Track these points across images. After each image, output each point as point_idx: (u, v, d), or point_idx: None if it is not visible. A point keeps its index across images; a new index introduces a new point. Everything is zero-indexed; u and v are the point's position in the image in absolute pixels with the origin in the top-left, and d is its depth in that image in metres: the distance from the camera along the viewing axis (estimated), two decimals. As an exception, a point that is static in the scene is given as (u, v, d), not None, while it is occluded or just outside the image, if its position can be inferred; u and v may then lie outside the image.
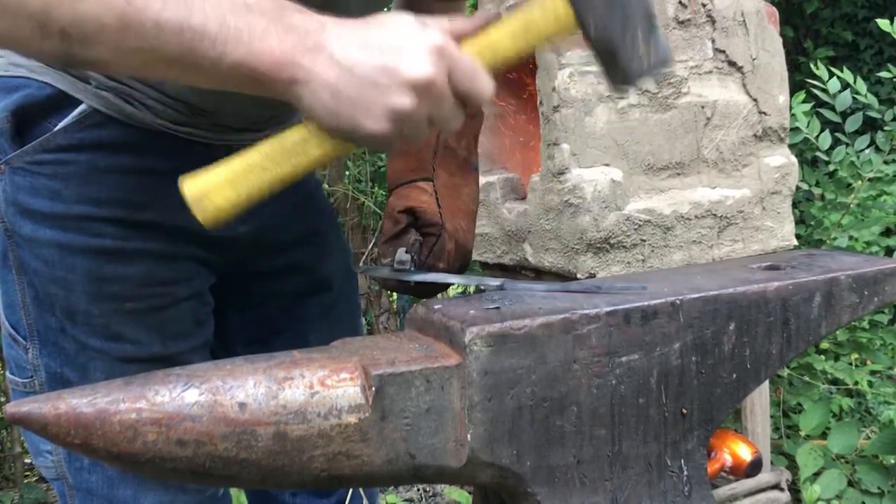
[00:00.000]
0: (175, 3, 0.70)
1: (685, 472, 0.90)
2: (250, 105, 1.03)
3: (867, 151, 2.79)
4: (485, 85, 0.76)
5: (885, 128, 2.78)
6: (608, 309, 0.83)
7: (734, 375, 0.91)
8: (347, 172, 3.84)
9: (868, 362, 2.77)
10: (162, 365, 0.85)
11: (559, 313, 0.82)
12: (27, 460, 3.18)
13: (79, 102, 0.97)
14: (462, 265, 1.21)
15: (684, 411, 0.88)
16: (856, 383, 2.67)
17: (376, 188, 3.95)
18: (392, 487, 2.64)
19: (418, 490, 2.61)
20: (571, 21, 0.78)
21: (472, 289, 3.96)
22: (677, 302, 0.87)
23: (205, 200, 0.80)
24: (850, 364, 2.71)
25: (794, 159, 1.99)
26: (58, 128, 0.97)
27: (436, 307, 0.87)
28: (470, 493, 2.34)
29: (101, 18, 0.69)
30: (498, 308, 0.85)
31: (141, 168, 0.99)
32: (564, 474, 0.83)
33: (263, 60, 0.72)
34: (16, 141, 0.98)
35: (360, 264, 3.79)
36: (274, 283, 1.21)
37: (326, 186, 3.68)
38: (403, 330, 0.93)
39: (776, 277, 0.96)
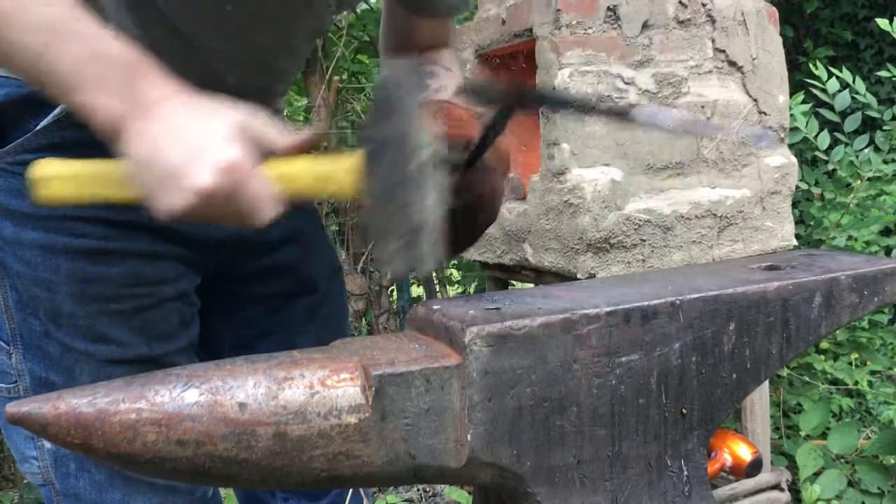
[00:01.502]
0: (37, 35, 0.76)
1: (685, 472, 0.90)
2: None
3: (866, 151, 2.79)
4: (262, 211, 0.81)
5: (885, 127, 2.78)
6: (608, 309, 0.83)
7: (734, 375, 0.91)
8: (347, 172, 3.84)
9: (868, 363, 2.77)
10: (148, 366, 0.85)
11: (559, 313, 0.82)
12: (27, 460, 3.19)
13: (58, 104, 0.96)
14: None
15: (684, 411, 0.88)
16: (856, 383, 2.67)
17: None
18: (392, 487, 2.64)
19: (418, 490, 2.61)
20: (356, 196, 0.85)
21: (472, 289, 3.97)
22: (677, 302, 0.87)
23: (50, 183, 0.83)
24: (850, 364, 2.71)
25: (793, 159, 1.99)
26: (38, 128, 0.96)
27: (435, 307, 0.87)
28: (470, 493, 2.34)
29: None
30: (498, 308, 0.85)
31: None
32: (564, 474, 0.83)
33: (98, 114, 0.79)
34: None
35: (360, 264, 3.79)
36: (259, 286, 1.21)
37: (326, 186, 3.67)
38: (403, 330, 0.93)
39: (776, 277, 0.96)
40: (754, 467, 1.68)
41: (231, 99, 1.03)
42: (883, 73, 2.87)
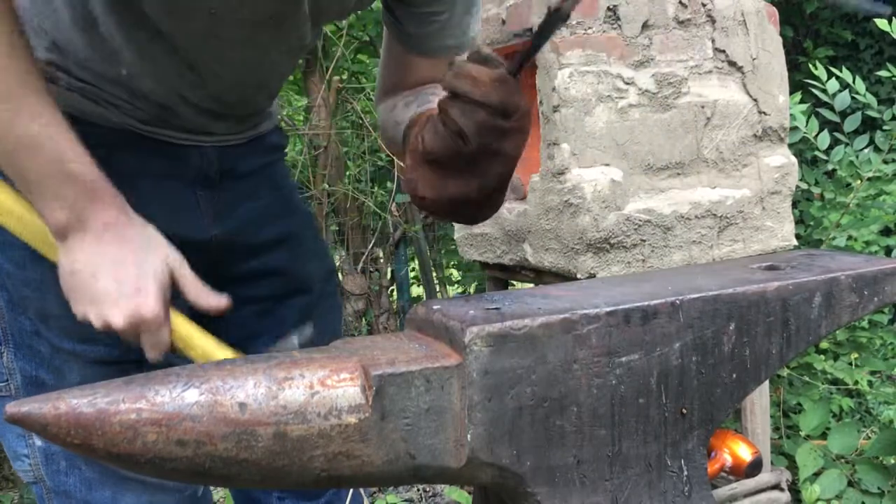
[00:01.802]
0: (17, 148, 0.85)
1: (685, 472, 0.90)
2: (213, 116, 1.10)
3: (866, 151, 2.79)
4: (153, 353, 0.93)
5: (885, 127, 2.78)
6: (608, 309, 0.83)
7: (734, 375, 0.91)
8: (348, 172, 3.85)
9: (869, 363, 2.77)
10: (136, 368, 0.86)
11: (559, 313, 0.82)
12: (27, 460, 3.18)
13: None
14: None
15: (684, 411, 0.88)
16: (856, 383, 2.67)
17: (376, 188, 3.95)
18: (392, 487, 2.64)
19: (418, 490, 2.62)
20: None
21: (472, 289, 3.97)
22: (677, 302, 0.87)
23: None
24: (850, 364, 2.71)
25: (793, 159, 2.00)
26: None
27: (435, 307, 0.87)
28: (470, 493, 2.34)
29: None
30: (498, 308, 0.85)
31: (111, 169, 0.99)
32: (564, 474, 0.83)
33: (49, 219, 0.90)
34: None
35: (360, 264, 3.79)
36: (249, 288, 1.21)
37: (326, 186, 3.68)
38: (403, 330, 0.93)
39: (776, 277, 0.96)
40: (754, 467, 1.68)
41: (215, 106, 1.07)
42: (883, 73, 2.87)
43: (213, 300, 0.97)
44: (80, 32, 0.99)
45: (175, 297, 0.97)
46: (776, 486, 2.16)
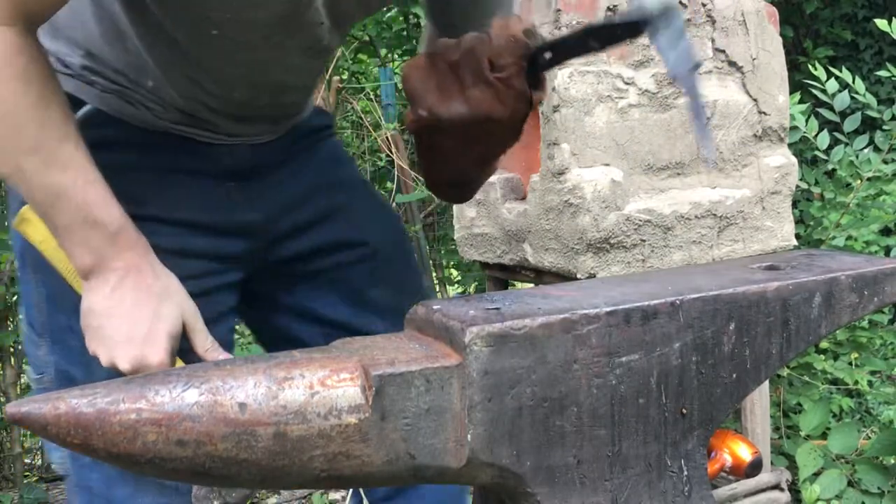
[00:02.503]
0: (47, 195, 0.89)
1: (685, 472, 0.90)
2: (240, 120, 1.12)
3: (866, 151, 2.79)
4: None
5: (884, 127, 2.78)
6: (608, 309, 0.83)
7: (734, 375, 0.91)
8: (347, 172, 3.84)
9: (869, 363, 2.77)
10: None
11: (559, 313, 0.82)
12: (27, 460, 3.18)
13: (84, 104, 1.03)
14: None
15: (684, 411, 0.88)
16: (856, 383, 2.67)
17: (376, 188, 3.95)
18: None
19: (418, 490, 2.61)
20: None
21: (472, 289, 3.96)
22: (677, 302, 0.87)
23: (27, 225, 1.00)
24: (850, 364, 2.71)
25: (793, 159, 2.00)
26: None
27: (435, 307, 0.87)
28: (470, 493, 2.34)
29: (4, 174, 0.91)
30: (498, 308, 0.85)
31: (144, 165, 1.03)
32: (564, 474, 0.83)
33: (74, 260, 0.94)
34: None
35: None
36: (309, 264, 1.24)
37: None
38: (403, 330, 0.93)
39: (776, 277, 0.96)
40: (754, 467, 1.68)
41: (241, 111, 1.10)
42: (882, 73, 2.87)
43: (217, 357, 0.99)
44: (110, 45, 1.03)
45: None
46: (776, 486, 2.16)
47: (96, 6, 1.01)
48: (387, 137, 3.62)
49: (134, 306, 0.93)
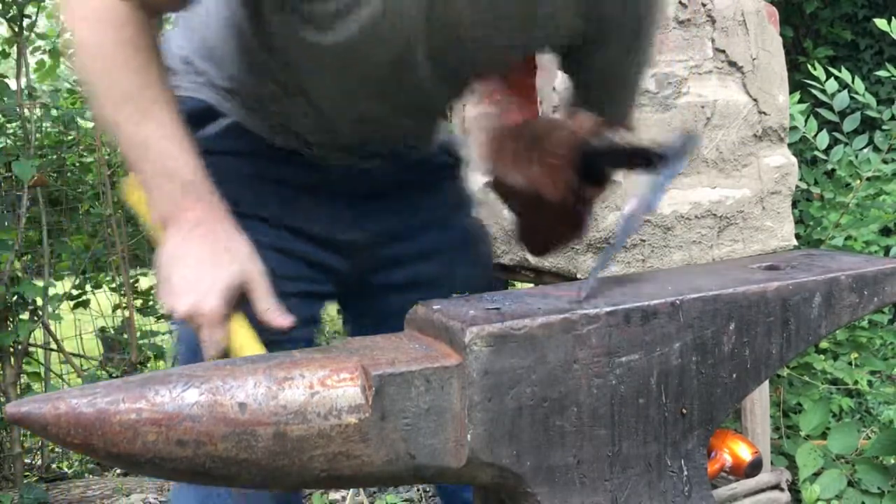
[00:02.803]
0: (132, 146, 0.98)
1: (685, 472, 0.90)
2: (352, 153, 1.22)
3: (866, 151, 2.79)
4: (205, 354, 0.98)
5: (884, 127, 2.78)
6: (608, 309, 0.83)
7: (734, 375, 0.91)
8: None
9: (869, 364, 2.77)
10: (275, 346, 0.97)
11: (559, 313, 0.82)
12: (27, 460, 3.18)
13: (225, 116, 1.17)
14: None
15: (684, 411, 0.88)
16: (855, 383, 2.67)
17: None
18: (392, 487, 2.64)
19: (418, 490, 2.61)
20: None
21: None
22: (677, 302, 0.87)
23: (132, 191, 1.10)
24: (850, 364, 2.71)
25: (793, 159, 2.00)
26: (212, 135, 1.16)
27: (436, 307, 0.87)
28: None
29: (101, 119, 1.00)
30: (498, 308, 0.85)
31: (268, 175, 1.15)
32: (564, 474, 0.83)
33: (153, 209, 1.02)
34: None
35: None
36: (401, 295, 1.22)
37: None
38: (403, 330, 0.93)
39: (776, 277, 0.96)
40: (754, 467, 1.68)
41: (353, 149, 1.21)
42: (882, 73, 2.87)
43: (276, 318, 1.01)
44: (248, 75, 1.16)
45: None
46: (776, 486, 2.16)
47: (238, 40, 1.13)
48: (387, 137, 3.61)
49: (198, 256, 0.98)
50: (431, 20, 1.00)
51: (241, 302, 1.00)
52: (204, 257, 0.98)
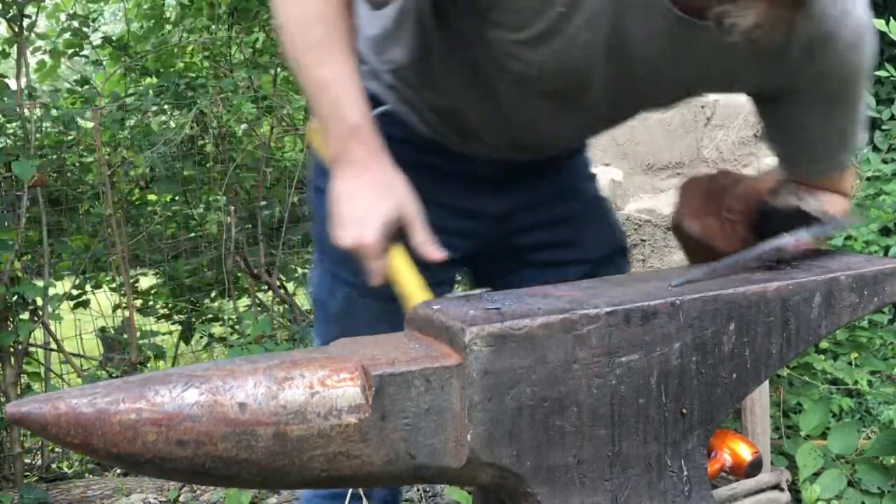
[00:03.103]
0: (311, 84, 1.10)
1: (685, 472, 0.90)
2: (501, 149, 1.31)
3: (865, 150, 2.79)
4: (370, 279, 1.08)
5: (884, 127, 2.78)
6: (608, 309, 0.83)
7: (734, 375, 0.91)
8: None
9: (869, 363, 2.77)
10: (392, 304, 1.10)
11: (559, 313, 0.82)
12: (27, 460, 3.18)
13: (385, 103, 1.28)
14: None
15: (684, 411, 0.88)
16: (855, 383, 2.67)
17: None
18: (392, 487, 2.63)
19: (418, 490, 2.61)
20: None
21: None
22: (677, 302, 0.87)
23: (315, 134, 1.22)
24: (850, 364, 2.71)
25: (793, 159, 1.99)
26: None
27: (436, 307, 0.87)
28: (470, 493, 2.34)
29: (292, 64, 1.13)
30: (498, 308, 0.85)
31: (418, 161, 1.21)
32: (564, 474, 0.83)
33: (327, 147, 1.13)
34: None
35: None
36: (535, 255, 1.40)
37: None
38: (403, 330, 0.93)
39: (776, 277, 0.96)
40: (754, 467, 1.67)
41: (511, 152, 1.33)
42: (882, 73, 2.86)
43: (431, 250, 1.10)
44: (414, 73, 1.25)
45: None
46: (776, 486, 2.16)
47: (415, 40, 1.23)
48: (387, 137, 3.61)
49: (361, 193, 1.08)
50: (610, 56, 1.08)
51: (399, 236, 1.09)
52: (366, 194, 1.08)
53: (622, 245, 1.52)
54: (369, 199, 1.09)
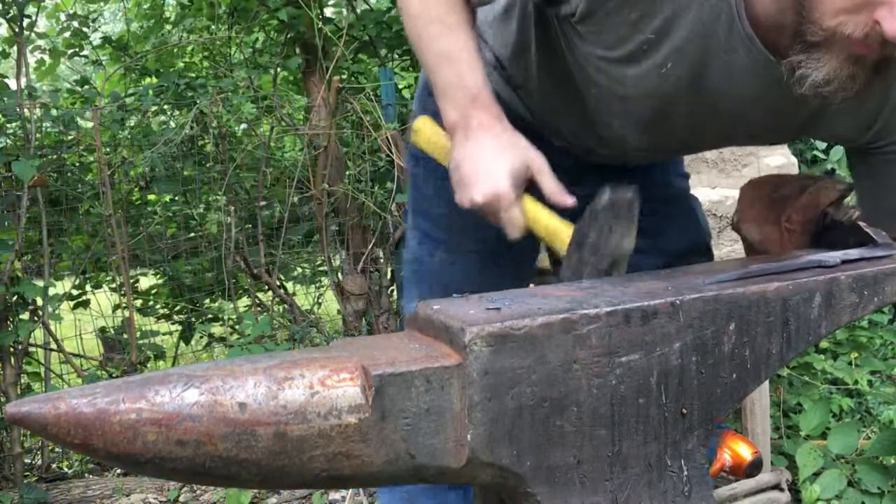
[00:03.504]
0: (431, 56, 1.16)
1: (685, 472, 0.90)
2: (589, 151, 1.36)
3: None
4: (509, 230, 1.12)
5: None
6: (608, 309, 0.83)
7: (734, 375, 0.91)
8: (348, 172, 3.84)
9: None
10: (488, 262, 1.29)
11: (559, 313, 0.82)
12: (27, 460, 3.18)
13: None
14: None
15: (684, 411, 0.88)
16: (855, 383, 2.67)
17: (376, 188, 3.94)
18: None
19: (418, 490, 2.61)
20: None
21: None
22: (677, 302, 0.87)
23: (418, 133, 1.28)
24: (850, 364, 2.71)
25: (793, 159, 1.99)
26: None
27: (436, 307, 0.87)
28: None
29: (413, 41, 1.19)
30: (498, 308, 0.85)
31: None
32: (564, 474, 0.83)
33: (445, 117, 1.16)
34: (430, 95, 1.32)
35: (360, 264, 3.78)
36: None
37: (326, 186, 3.68)
38: (403, 330, 0.93)
39: (776, 277, 0.96)
40: (754, 467, 1.68)
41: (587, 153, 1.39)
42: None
43: (564, 198, 1.12)
44: (513, 63, 1.31)
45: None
46: (776, 486, 2.16)
47: (516, 36, 1.28)
48: (387, 137, 3.61)
49: (485, 152, 1.11)
50: (693, 88, 1.12)
51: (527, 188, 1.13)
52: (490, 152, 1.11)
53: (705, 243, 1.56)
54: (494, 156, 1.11)
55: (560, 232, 1.10)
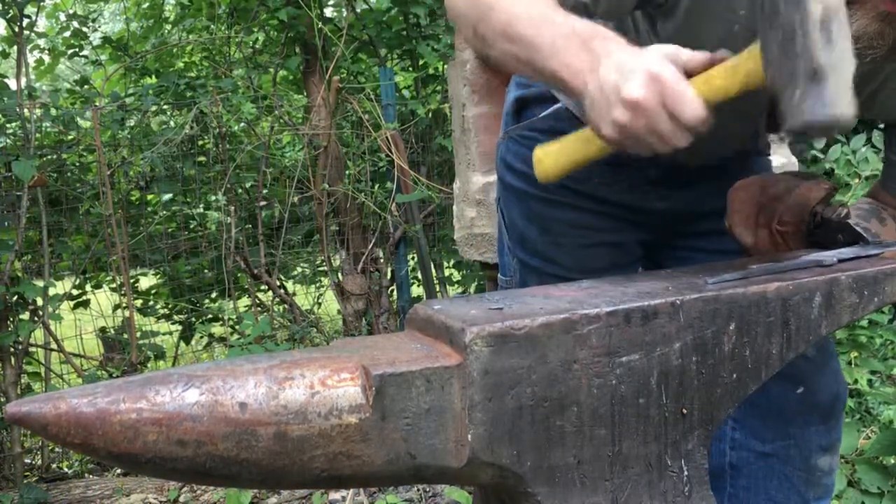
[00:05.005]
0: (527, 24, 1.05)
1: (685, 473, 0.90)
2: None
3: (864, 149, 2.79)
4: (689, 109, 0.93)
5: (881, 126, 2.78)
6: (608, 309, 0.84)
7: (734, 375, 0.91)
8: (348, 172, 3.85)
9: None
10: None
11: (559, 313, 0.82)
12: (27, 460, 3.19)
13: (557, 101, 1.38)
14: None
15: (684, 411, 0.88)
16: (855, 382, 2.67)
17: (376, 188, 3.95)
18: (392, 487, 2.64)
19: (418, 490, 2.61)
20: (760, 72, 0.94)
21: (472, 289, 3.94)
22: (677, 302, 0.87)
23: (541, 163, 1.15)
24: (850, 363, 2.71)
25: (793, 159, 1.99)
26: (540, 116, 1.40)
27: (436, 307, 0.87)
28: (470, 493, 2.34)
29: (494, 30, 1.08)
30: (499, 308, 0.85)
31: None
32: (564, 474, 0.83)
33: (566, 72, 1.01)
34: (514, 119, 1.46)
35: (360, 264, 3.78)
36: (697, 241, 1.46)
37: (326, 186, 3.68)
38: (403, 330, 0.93)
39: (776, 277, 0.96)
40: (754, 467, 1.67)
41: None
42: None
43: (717, 57, 1.00)
44: None
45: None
46: (776, 486, 2.15)
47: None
48: (387, 137, 3.62)
49: (619, 66, 0.96)
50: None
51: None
52: (626, 60, 0.97)
53: None
54: (634, 57, 0.97)
55: (740, 56, 0.95)
